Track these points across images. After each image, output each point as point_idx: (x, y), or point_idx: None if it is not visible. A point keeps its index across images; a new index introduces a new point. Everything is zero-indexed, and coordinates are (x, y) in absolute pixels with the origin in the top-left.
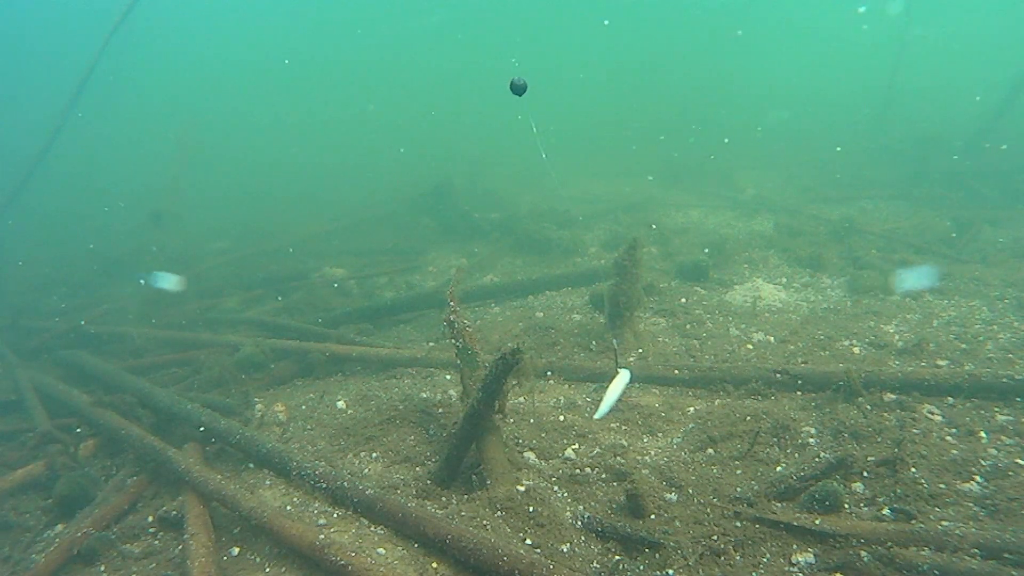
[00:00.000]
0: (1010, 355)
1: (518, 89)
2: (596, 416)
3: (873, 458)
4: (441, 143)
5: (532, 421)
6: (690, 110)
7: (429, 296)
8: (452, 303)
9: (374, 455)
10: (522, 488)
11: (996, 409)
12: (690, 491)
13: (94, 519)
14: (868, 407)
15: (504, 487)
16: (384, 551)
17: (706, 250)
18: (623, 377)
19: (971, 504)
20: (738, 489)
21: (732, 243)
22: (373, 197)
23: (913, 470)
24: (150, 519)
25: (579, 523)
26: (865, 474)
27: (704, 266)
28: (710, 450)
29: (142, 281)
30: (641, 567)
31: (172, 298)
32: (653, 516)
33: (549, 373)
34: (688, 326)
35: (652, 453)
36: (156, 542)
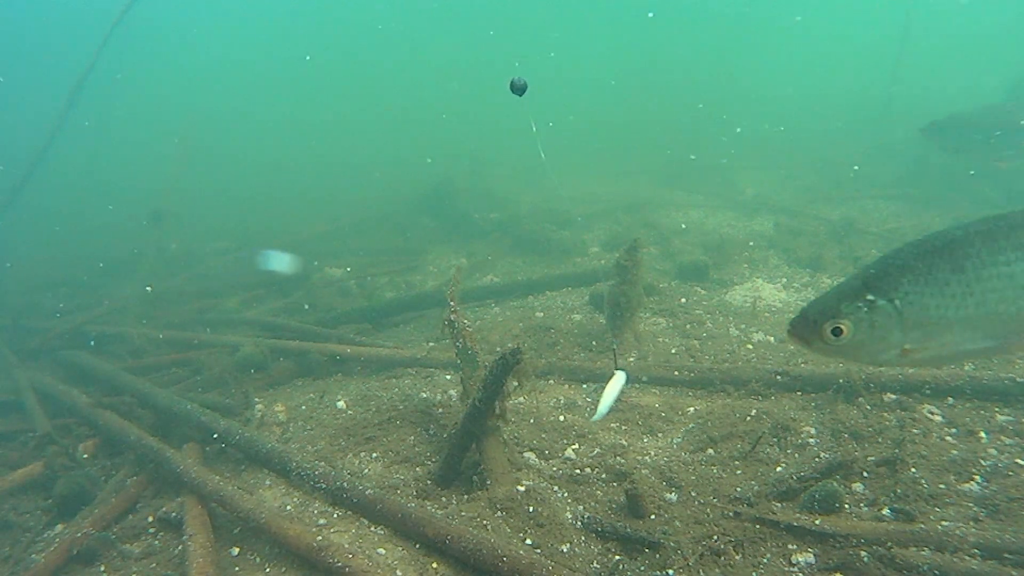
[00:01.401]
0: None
1: (518, 89)
2: (594, 418)
3: (873, 458)
4: (442, 143)
5: (532, 421)
6: (703, 108)
7: (429, 296)
8: (452, 303)
9: (374, 455)
10: (522, 488)
11: (996, 409)
12: (690, 491)
13: (94, 519)
14: (868, 407)
15: (504, 487)
16: (384, 551)
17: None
18: (620, 379)
19: (971, 504)
20: (738, 489)
21: (732, 243)
22: (374, 197)
23: (913, 470)
24: (150, 519)
25: (579, 523)
26: (865, 474)
27: (704, 266)
28: (710, 450)
29: (148, 288)
30: (641, 567)
31: (173, 298)
32: (653, 516)
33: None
34: (688, 326)
35: (652, 453)
36: (156, 542)
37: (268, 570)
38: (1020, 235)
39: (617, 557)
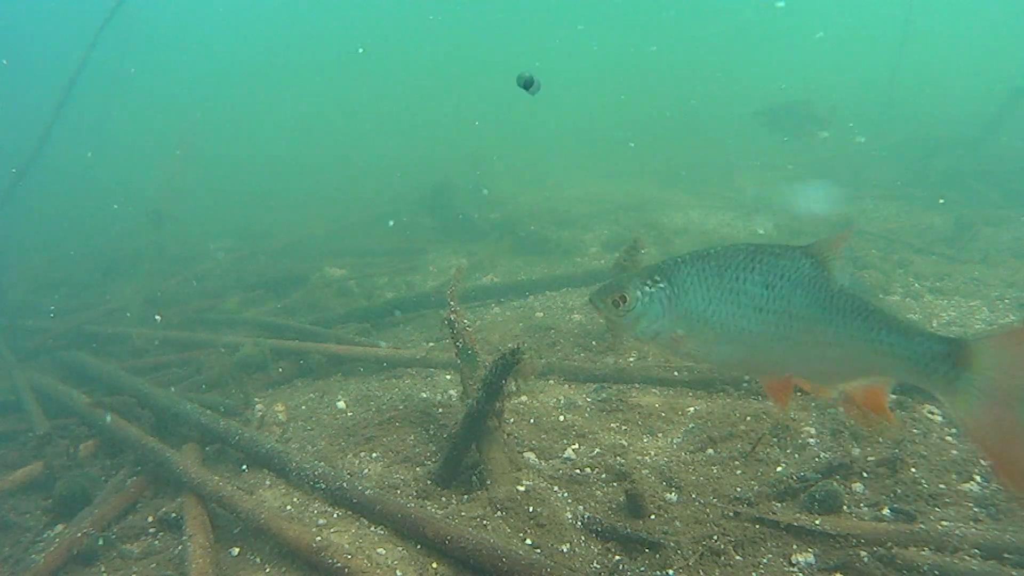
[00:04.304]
0: None
1: (526, 83)
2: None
3: (873, 458)
4: (442, 143)
5: (532, 421)
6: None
7: (429, 296)
8: (452, 303)
9: (374, 455)
10: (522, 488)
11: None
12: (690, 491)
13: (94, 519)
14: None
15: (504, 487)
16: (384, 551)
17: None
18: None
19: (971, 504)
20: (738, 489)
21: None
22: (374, 197)
23: (913, 470)
24: (150, 519)
25: (579, 523)
26: (865, 474)
27: None
28: (710, 450)
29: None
30: (641, 567)
31: (172, 298)
32: (653, 516)
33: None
34: None
35: (652, 453)
36: (156, 542)
37: (268, 570)
38: (770, 262)
39: (617, 557)
